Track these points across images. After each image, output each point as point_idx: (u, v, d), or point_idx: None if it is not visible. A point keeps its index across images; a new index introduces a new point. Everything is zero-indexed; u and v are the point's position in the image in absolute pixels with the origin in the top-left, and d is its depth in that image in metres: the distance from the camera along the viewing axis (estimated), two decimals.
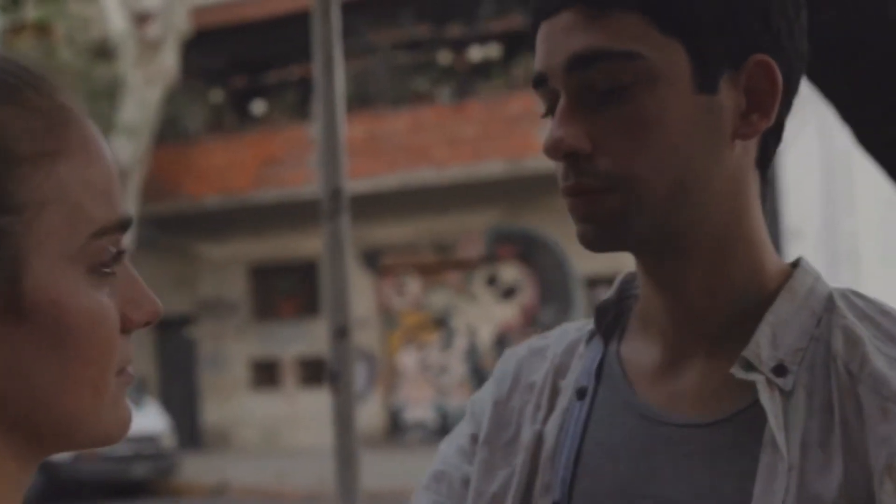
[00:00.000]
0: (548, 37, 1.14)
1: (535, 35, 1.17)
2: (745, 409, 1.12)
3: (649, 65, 1.09)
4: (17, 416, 0.85)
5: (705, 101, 1.11)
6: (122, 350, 0.89)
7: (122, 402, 0.90)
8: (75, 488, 15.55)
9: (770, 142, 1.18)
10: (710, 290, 1.16)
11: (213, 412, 21.97)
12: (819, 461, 1.08)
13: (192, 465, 17.93)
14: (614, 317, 1.27)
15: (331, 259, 2.88)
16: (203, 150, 21.00)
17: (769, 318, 1.14)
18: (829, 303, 1.16)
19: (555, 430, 1.22)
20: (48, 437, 0.88)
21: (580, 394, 1.23)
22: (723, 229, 1.15)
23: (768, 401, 1.09)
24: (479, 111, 19.07)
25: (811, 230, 18.61)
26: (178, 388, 21.87)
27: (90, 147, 0.89)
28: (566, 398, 1.24)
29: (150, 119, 18.11)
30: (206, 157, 20.89)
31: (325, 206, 2.88)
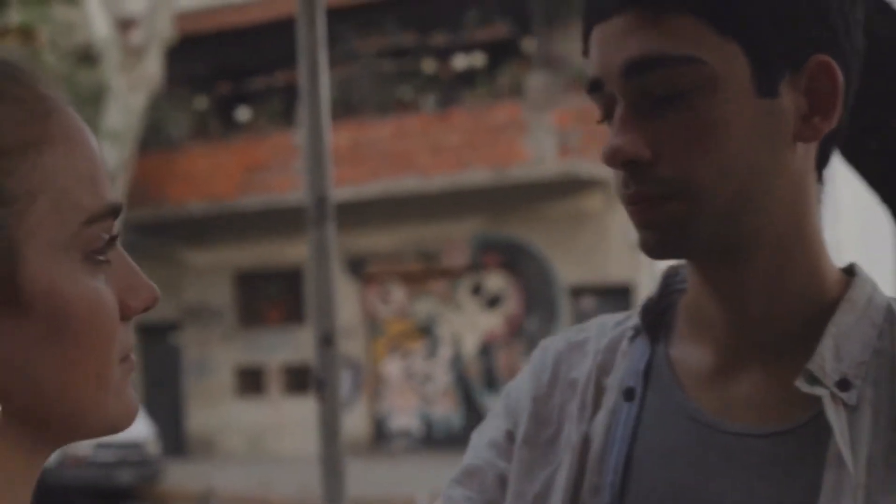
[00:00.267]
0: (602, 41, 1.11)
1: (587, 39, 1.14)
2: (806, 423, 1.10)
3: (708, 69, 1.07)
4: (23, 410, 0.84)
5: (766, 104, 1.09)
6: (123, 337, 0.89)
7: (127, 389, 0.90)
8: (60, 494, 15.49)
9: (829, 143, 1.15)
10: (770, 297, 1.13)
11: (198, 419, 21.91)
12: (885, 480, 1.06)
13: (177, 472, 17.88)
14: (659, 314, 1.24)
15: (317, 267, 2.89)
16: (188, 157, 20.97)
17: (831, 329, 1.11)
18: (889, 314, 1.14)
19: (602, 431, 1.20)
20: (55, 429, 0.87)
21: (628, 395, 1.20)
22: (784, 235, 1.12)
23: (834, 416, 1.07)
24: (463, 119, 19.08)
25: None
26: (162, 395, 21.80)
27: (74, 135, 0.88)
28: (612, 398, 1.21)
29: (134, 125, 18.07)
30: (190, 163, 20.86)
31: (310, 213, 2.88)
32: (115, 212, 0.89)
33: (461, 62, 20.29)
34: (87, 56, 18.76)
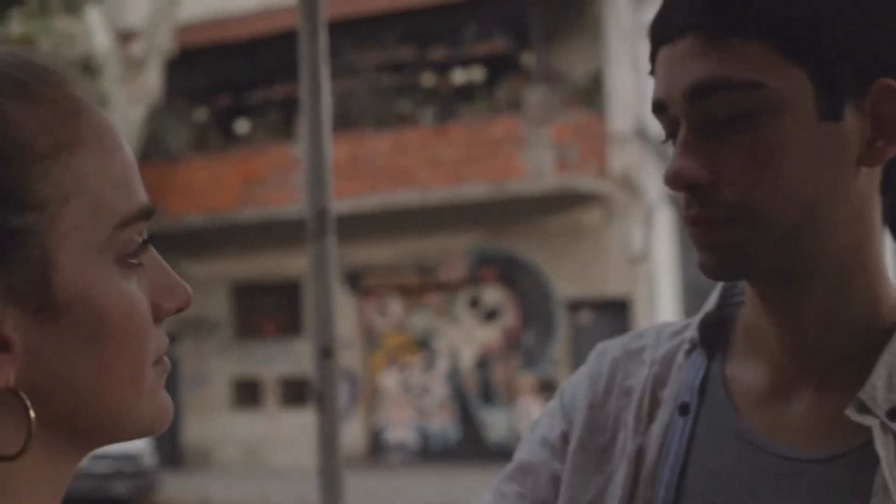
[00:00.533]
0: (667, 63, 1.12)
1: (653, 60, 1.15)
2: (855, 449, 1.10)
3: (772, 94, 1.06)
4: (57, 416, 0.82)
5: (830, 128, 1.08)
6: (157, 340, 0.87)
7: (161, 392, 0.88)
8: None
9: (893, 167, 1.14)
10: (828, 321, 1.13)
11: (195, 431, 21.89)
12: None
13: (172, 484, 17.86)
14: (715, 326, 1.25)
15: (316, 279, 2.89)
16: (187, 169, 20.97)
17: (885, 358, 1.11)
18: None
19: (656, 446, 1.21)
20: (90, 434, 0.85)
21: (682, 410, 1.21)
22: (845, 259, 1.12)
23: (882, 446, 1.07)
24: (461, 134, 19.09)
25: None
26: None
27: (106, 137, 0.86)
28: (667, 412, 1.22)
29: (133, 137, 18.06)
30: (189, 175, 20.86)
31: (311, 226, 2.89)
32: (147, 214, 0.88)
33: (460, 76, 20.31)
34: (88, 68, 18.77)
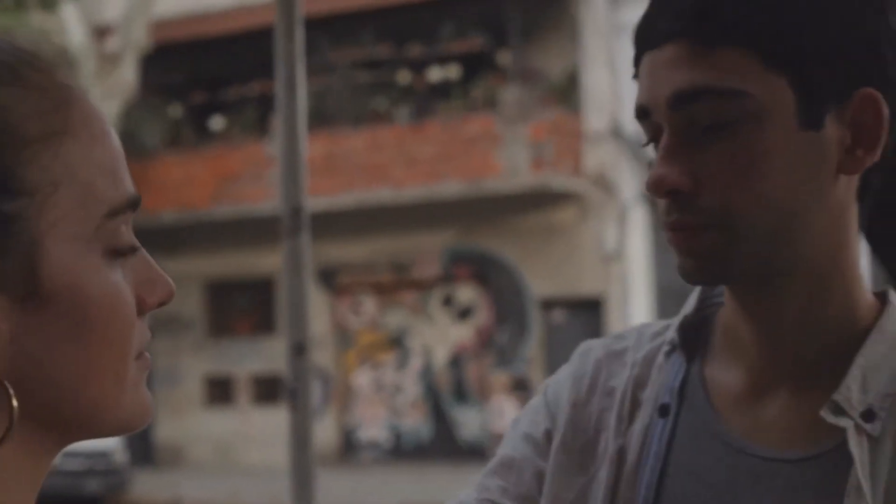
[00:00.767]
0: (652, 69, 1.13)
1: (637, 65, 1.16)
2: (830, 451, 1.12)
3: (754, 102, 1.08)
4: (38, 406, 0.81)
5: (810, 136, 1.09)
6: (139, 333, 0.86)
7: (142, 386, 0.88)
8: None
9: (871, 175, 1.16)
10: (804, 325, 1.15)
11: (167, 428, 21.83)
12: None
13: (144, 482, 17.80)
14: (695, 328, 1.26)
15: (290, 277, 2.88)
16: (161, 165, 20.91)
17: (860, 360, 1.13)
18: None
19: (636, 446, 1.23)
20: (70, 427, 0.84)
21: (662, 411, 1.23)
22: (823, 265, 1.13)
23: (856, 447, 1.09)
24: (437, 131, 19.10)
25: None
26: None
27: (94, 125, 0.86)
28: (647, 413, 1.24)
29: None
30: (163, 171, 20.80)
31: (285, 223, 2.88)
32: (135, 205, 0.87)
33: (436, 74, 20.31)
34: (63, 63, 18.70)
